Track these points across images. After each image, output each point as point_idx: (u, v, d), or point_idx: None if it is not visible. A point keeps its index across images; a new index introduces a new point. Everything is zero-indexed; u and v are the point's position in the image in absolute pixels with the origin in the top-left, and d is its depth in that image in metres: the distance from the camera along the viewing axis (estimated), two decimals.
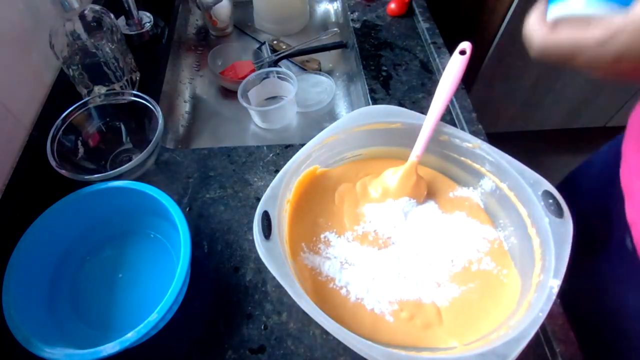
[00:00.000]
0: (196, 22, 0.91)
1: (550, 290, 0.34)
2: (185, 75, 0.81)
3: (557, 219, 0.38)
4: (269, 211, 0.38)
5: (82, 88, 0.61)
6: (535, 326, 0.32)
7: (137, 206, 0.46)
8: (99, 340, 0.36)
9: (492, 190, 0.45)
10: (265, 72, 0.72)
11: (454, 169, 0.48)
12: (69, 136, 0.53)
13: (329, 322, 0.33)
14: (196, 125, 0.75)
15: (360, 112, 0.46)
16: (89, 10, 0.56)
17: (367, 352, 0.31)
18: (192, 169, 0.57)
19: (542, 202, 0.39)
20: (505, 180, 0.43)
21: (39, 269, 0.43)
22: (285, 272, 0.35)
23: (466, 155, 0.46)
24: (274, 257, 0.35)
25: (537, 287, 0.35)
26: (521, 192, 0.41)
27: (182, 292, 0.40)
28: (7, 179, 0.51)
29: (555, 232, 0.37)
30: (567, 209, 0.38)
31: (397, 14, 0.79)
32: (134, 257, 0.48)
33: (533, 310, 0.33)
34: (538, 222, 0.39)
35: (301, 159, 0.43)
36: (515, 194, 0.42)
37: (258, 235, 0.36)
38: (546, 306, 0.33)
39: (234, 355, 0.42)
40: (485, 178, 0.45)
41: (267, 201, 0.39)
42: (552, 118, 1.43)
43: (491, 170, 0.44)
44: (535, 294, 0.35)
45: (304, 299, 0.34)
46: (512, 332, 0.32)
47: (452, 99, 0.63)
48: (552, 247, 0.36)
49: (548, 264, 0.36)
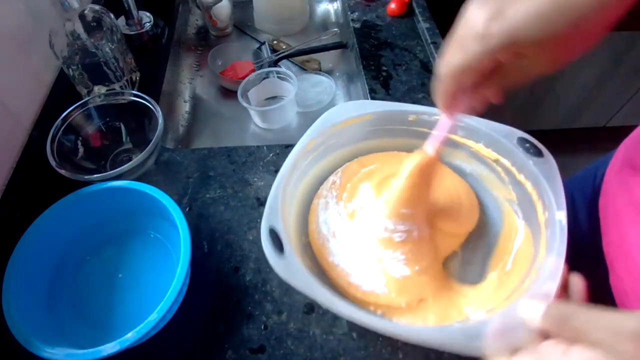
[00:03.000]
0: (196, 22, 0.91)
1: (560, 223, 0.34)
2: (185, 75, 0.81)
3: (539, 159, 0.39)
4: (274, 227, 0.36)
5: (82, 88, 0.61)
6: (561, 258, 0.32)
7: (137, 206, 0.46)
8: (99, 340, 0.36)
9: (470, 154, 0.46)
10: (265, 72, 0.72)
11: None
12: (69, 136, 0.53)
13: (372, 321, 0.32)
14: (196, 125, 0.75)
15: (331, 112, 0.46)
16: (89, 10, 0.56)
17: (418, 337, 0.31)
18: (192, 169, 0.57)
19: (520, 148, 0.40)
20: (480, 140, 0.44)
21: (39, 269, 0.43)
22: (313, 285, 0.34)
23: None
24: (294, 273, 0.34)
25: (546, 225, 0.36)
26: (498, 145, 0.42)
27: (182, 292, 0.40)
28: (7, 179, 0.51)
29: (541, 170, 0.38)
30: (544, 148, 0.39)
31: (397, 14, 0.79)
32: (134, 257, 0.48)
33: (552, 247, 0.33)
34: (523, 167, 0.40)
35: (288, 170, 0.42)
36: (493, 149, 0.43)
37: (272, 254, 0.34)
38: (562, 238, 0.33)
39: (234, 355, 0.42)
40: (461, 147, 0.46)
41: (269, 217, 0.37)
42: (552, 118, 1.43)
43: (464, 135, 0.45)
44: (547, 231, 0.35)
45: (340, 306, 0.32)
46: (542, 273, 0.32)
47: None
48: (545, 184, 0.37)
49: (547, 200, 0.36)
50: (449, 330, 0.31)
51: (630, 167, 0.43)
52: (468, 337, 0.29)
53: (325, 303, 0.33)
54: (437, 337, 0.30)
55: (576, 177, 0.58)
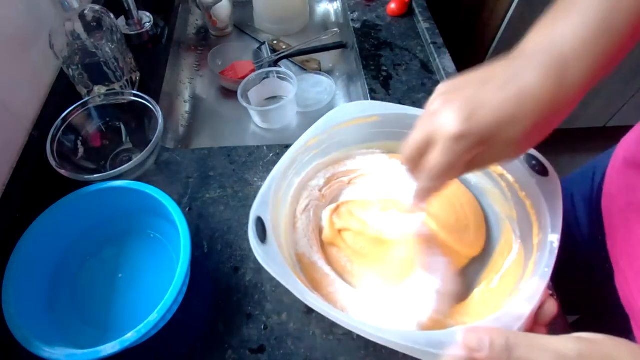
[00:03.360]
0: (196, 22, 0.91)
1: (551, 246, 0.34)
2: (185, 75, 0.81)
3: (544, 178, 0.38)
4: (262, 217, 0.38)
5: (82, 88, 0.61)
6: (544, 281, 0.32)
7: (137, 206, 0.46)
8: (99, 340, 0.36)
9: None
10: (265, 72, 0.72)
11: None
12: (69, 136, 0.53)
13: (340, 315, 0.33)
14: (196, 125, 0.75)
15: (336, 111, 0.46)
16: (89, 10, 0.56)
17: (381, 336, 0.31)
18: (192, 169, 0.57)
19: (526, 164, 0.39)
20: None
21: (39, 268, 0.43)
22: (286, 273, 0.35)
23: None
24: (273, 260, 0.36)
25: (538, 247, 0.36)
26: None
27: (182, 292, 0.40)
28: (7, 179, 0.51)
29: (544, 190, 0.37)
30: (550, 167, 0.39)
31: (397, 14, 0.79)
32: (134, 257, 0.48)
33: (539, 268, 0.33)
34: (526, 185, 0.39)
35: (286, 165, 0.43)
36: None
37: (254, 240, 0.36)
38: (550, 261, 0.33)
39: (234, 355, 0.42)
40: None
41: (259, 207, 0.39)
42: None
43: None
44: (537, 253, 0.35)
45: (310, 296, 0.34)
46: (522, 293, 0.32)
47: None
48: (544, 205, 0.36)
49: (544, 221, 0.36)
50: (413, 335, 0.31)
51: (634, 167, 0.43)
52: (430, 344, 0.29)
53: (297, 293, 0.34)
54: (398, 339, 0.30)
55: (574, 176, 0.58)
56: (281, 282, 0.34)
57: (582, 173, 0.56)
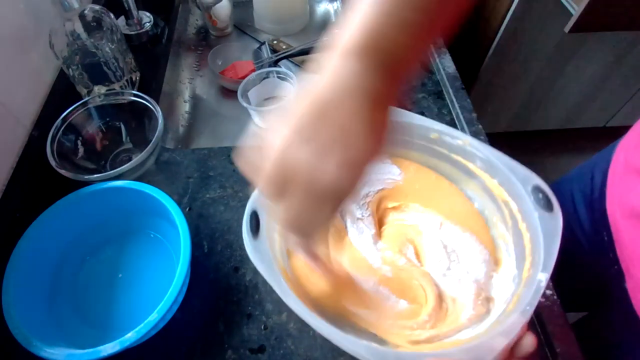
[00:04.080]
0: (196, 22, 0.91)
1: (539, 284, 0.34)
2: (185, 75, 0.81)
3: (547, 213, 0.37)
4: (258, 211, 0.38)
5: (82, 88, 0.61)
6: (524, 318, 0.32)
7: (137, 206, 0.46)
8: (99, 340, 0.36)
9: (483, 188, 0.45)
10: (265, 72, 0.72)
11: (443, 166, 0.48)
12: (69, 136, 0.53)
13: (314, 320, 0.33)
14: (196, 125, 0.75)
15: None
16: (89, 10, 0.56)
17: (351, 348, 0.31)
18: (192, 169, 0.57)
19: (532, 196, 0.39)
20: (496, 177, 0.43)
21: (39, 269, 0.43)
22: (272, 270, 0.35)
23: (457, 152, 0.46)
24: (262, 256, 0.36)
25: (526, 282, 0.35)
26: (511, 187, 0.41)
27: (182, 292, 0.40)
28: (7, 179, 0.51)
29: (544, 226, 0.37)
30: (556, 203, 0.38)
31: None
32: (134, 257, 0.48)
33: (521, 305, 0.33)
34: (528, 217, 0.39)
35: None
36: (505, 189, 0.42)
37: (247, 234, 0.36)
38: (534, 300, 0.33)
39: (234, 355, 0.42)
40: (475, 176, 0.45)
41: (257, 201, 0.39)
42: (552, 118, 1.43)
43: (481, 166, 0.44)
44: (524, 288, 0.35)
45: (291, 298, 0.34)
46: (500, 327, 0.32)
47: (453, 99, 0.63)
48: (541, 242, 0.36)
49: (537, 258, 0.36)
50: (382, 352, 0.31)
51: (635, 172, 0.43)
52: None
53: (280, 292, 0.34)
54: (368, 354, 0.30)
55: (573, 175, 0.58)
56: (266, 278, 0.34)
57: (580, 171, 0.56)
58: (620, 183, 0.45)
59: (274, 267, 0.36)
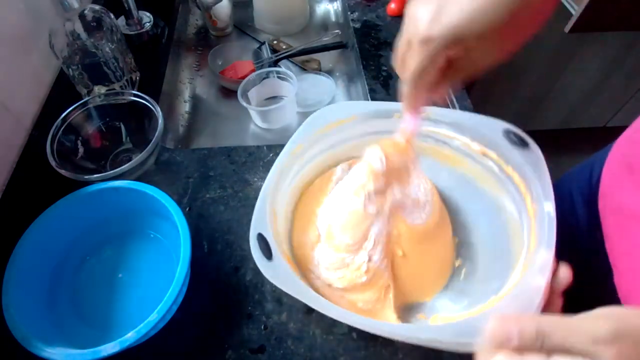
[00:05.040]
0: (196, 22, 0.91)
1: (549, 215, 0.34)
2: (185, 75, 0.81)
3: (525, 150, 0.39)
4: (262, 233, 0.37)
5: (82, 88, 0.61)
6: (551, 250, 0.32)
7: (137, 206, 0.46)
8: (99, 340, 0.36)
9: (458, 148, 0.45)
10: (265, 72, 0.72)
11: (416, 142, 0.48)
12: (69, 136, 0.53)
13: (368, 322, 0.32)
14: (196, 125, 0.75)
15: (315, 116, 0.46)
16: (89, 10, 0.56)
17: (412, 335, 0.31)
18: (192, 169, 0.57)
19: (506, 139, 0.40)
20: (467, 134, 0.44)
21: (39, 269, 0.43)
22: (299, 287, 0.34)
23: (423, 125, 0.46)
24: (282, 276, 0.35)
25: (535, 218, 0.36)
26: (484, 138, 0.42)
27: (182, 292, 0.40)
28: (7, 179, 0.51)
29: (528, 161, 0.38)
30: (529, 138, 0.39)
31: (397, 14, 0.79)
32: (134, 257, 0.48)
33: (542, 240, 0.33)
34: (510, 159, 0.40)
35: (275, 176, 0.43)
36: (479, 142, 0.43)
37: (260, 259, 0.35)
38: (551, 231, 0.33)
39: (234, 355, 0.42)
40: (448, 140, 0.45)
41: (257, 224, 0.38)
42: (552, 118, 1.43)
43: (450, 130, 0.45)
44: (536, 224, 0.35)
45: (334, 310, 0.33)
46: (533, 264, 0.32)
47: (453, 98, 0.63)
48: (532, 175, 0.37)
49: (536, 192, 0.36)
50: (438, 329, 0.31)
51: (626, 168, 0.43)
52: (458, 334, 0.29)
53: (319, 307, 0.33)
54: (426, 335, 0.30)
55: (572, 173, 0.58)
56: (299, 298, 0.34)
57: (580, 170, 0.56)
58: (613, 179, 0.45)
59: (298, 282, 0.35)
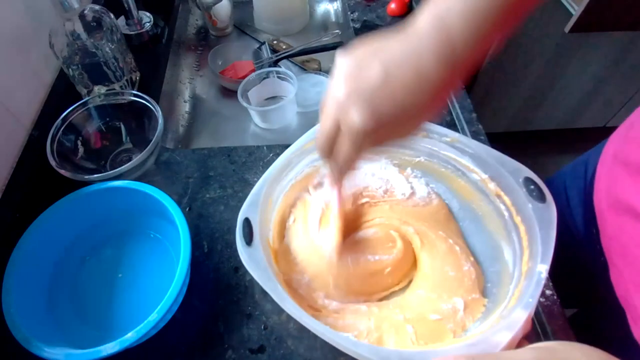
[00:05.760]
0: (196, 22, 0.91)
1: (539, 276, 0.34)
2: (185, 75, 0.81)
3: (540, 204, 0.38)
4: (250, 218, 0.38)
5: (82, 88, 0.61)
6: (526, 311, 0.32)
7: (137, 206, 0.46)
8: (99, 340, 0.36)
9: (475, 183, 0.45)
10: (265, 72, 0.72)
11: (434, 164, 0.48)
12: (69, 136, 0.53)
13: (314, 323, 0.33)
14: (196, 125, 0.75)
15: None
16: (89, 10, 0.56)
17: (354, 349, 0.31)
18: (192, 169, 0.57)
19: (524, 189, 0.39)
20: (487, 171, 0.43)
21: (39, 268, 0.43)
22: (268, 277, 0.35)
23: (446, 149, 0.46)
24: (256, 263, 0.36)
25: (526, 275, 0.35)
26: (503, 181, 0.41)
27: (182, 292, 0.40)
28: (7, 179, 0.51)
29: (539, 217, 0.37)
30: (549, 194, 0.38)
31: (397, 14, 0.79)
32: (134, 257, 0.48)
33: (523, 298, 0.33)
34: (522, 210, 0.39)
35: (280, 166, 0.43)
36: (497, 183, 0.42)
37: (240, 241, 0.37)
38: (536, 291, 0.33)
39: (234, 355, 0.42)
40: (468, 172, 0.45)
41: (248, 208, 0.39)
42: (552, 118, 1.43)
43: (472, 162, 0.44)
44: (524, 281, 0.35)
45: (288, 302, 0.34)
46: (503, 321, 0.32)
47: (453, 98, 0.63)
48: (537, 233, 0.36)
49: (535, 250, 0.36)
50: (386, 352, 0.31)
51: (621, 164, 0.43)
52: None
53: (276, 298, 0.34)
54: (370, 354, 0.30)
55: (567, 170, 0.58)
56: (262, 285, 0.35)
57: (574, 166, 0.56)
58: (608, 174, 0.45)
59: (269, 273, 0.36)
